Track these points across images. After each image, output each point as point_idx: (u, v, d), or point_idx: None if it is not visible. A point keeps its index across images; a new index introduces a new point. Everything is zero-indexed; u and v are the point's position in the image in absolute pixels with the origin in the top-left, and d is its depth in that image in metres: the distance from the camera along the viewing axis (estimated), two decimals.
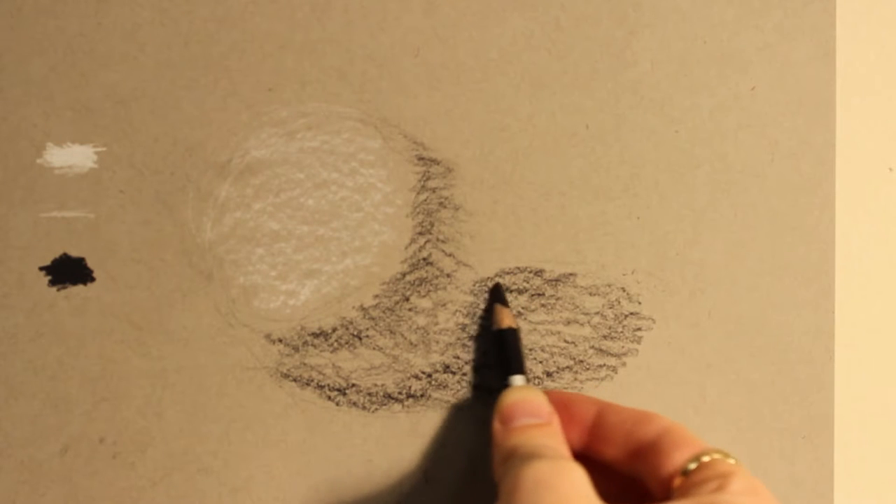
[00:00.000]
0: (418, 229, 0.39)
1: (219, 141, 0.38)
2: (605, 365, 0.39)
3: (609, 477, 0.33)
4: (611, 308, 0.39)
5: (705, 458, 0.30)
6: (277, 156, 0.38)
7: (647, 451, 0.31)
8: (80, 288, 0.38)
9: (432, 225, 0.39)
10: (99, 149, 0.38)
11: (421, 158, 0.39)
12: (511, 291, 0.39)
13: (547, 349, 0.39)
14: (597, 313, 0.39)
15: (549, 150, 0.39)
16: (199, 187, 0.38)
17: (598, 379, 0.39)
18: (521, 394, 0.34)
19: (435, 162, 0.39)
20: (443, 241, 0.39)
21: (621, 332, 0.39)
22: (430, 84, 0.39)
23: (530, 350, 0.39)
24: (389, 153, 0.39)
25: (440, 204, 0.39)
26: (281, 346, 0.38)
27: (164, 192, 0.38)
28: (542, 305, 0.39)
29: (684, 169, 0.40)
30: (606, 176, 0.39)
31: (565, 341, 0.39)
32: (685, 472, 0.30)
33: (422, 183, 0.39)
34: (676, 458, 0.30)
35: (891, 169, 0.41)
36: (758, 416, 0.39)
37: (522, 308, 0.39)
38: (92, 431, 0.38)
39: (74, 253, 0.38)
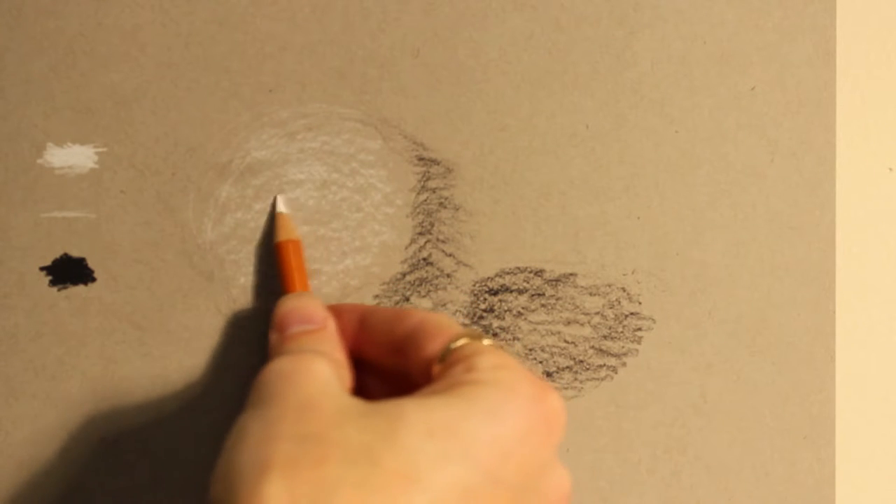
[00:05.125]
0: (418, 229, 0.39)
1: (220, 142, 0.38)
2: (605, 365, 0.39)
3: (386, 379, 0.33)
4: (611, 308, 0.39)
5: (456, 344, 0.30)
6: (278, 156, 0.38)
7: (406, 346, 0.32)
8: (80, 288, 0.38)
9: (432, 225, 0.39)
10: (99, 149, 0.38)
11: (421, 159, 0.39)
12: (511, 291, 0.39)
13: (547, 349, 0.39)
14: (597, 313, 0.39)
15: (549, 150, 0.39)
16: (200, 188, 0.38)
17: (598, 379, 0.39)
18: (294, 301, 0.34)
19: (435, 162, 0.39)
20: (443, 241, 0.39)
21: (621, 332, 0.39)
22: (430, 84, 0.39)
23: (530, 350, 0.39)
24: (389, 154, 0.39)
25: (440, 204, 0.39)
26: None
27: (165, 192, 0.38)
28: (543, 305, 0.39)
29: (684, 169, 0.40)
30: (606, 176, 0.39)
31: (565, 341, 0.39)
32: (442, 360, 0.30)
33: (422, 183, 0.39)
34: (430, 349, 0.30)
35: (891, 169, 0.41)
36: (758, 416, 0.39)
37: (522, 308, 0.39)
38: (92, 431, 0.38)
39: (75, 253, 0.38)
